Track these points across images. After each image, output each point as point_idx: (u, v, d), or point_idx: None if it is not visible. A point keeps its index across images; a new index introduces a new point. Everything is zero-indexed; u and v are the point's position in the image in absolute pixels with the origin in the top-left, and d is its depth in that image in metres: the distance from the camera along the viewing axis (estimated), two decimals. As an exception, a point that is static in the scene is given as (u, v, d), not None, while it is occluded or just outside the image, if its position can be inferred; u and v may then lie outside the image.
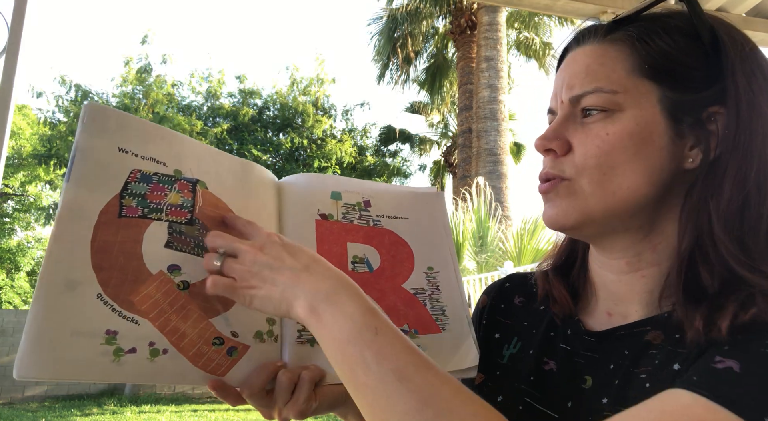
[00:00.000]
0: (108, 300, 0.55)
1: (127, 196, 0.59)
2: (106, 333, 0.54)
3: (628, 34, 0.60)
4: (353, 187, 0.78)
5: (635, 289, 0.61)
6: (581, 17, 2.64)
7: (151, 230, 0.59)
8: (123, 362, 0.54)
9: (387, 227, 0.76)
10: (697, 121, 0.57)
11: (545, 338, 0.68)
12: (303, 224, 0.72)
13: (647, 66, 0.58)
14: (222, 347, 0.60)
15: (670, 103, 0.57)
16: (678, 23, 0.60)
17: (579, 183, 0.59)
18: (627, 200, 0.57)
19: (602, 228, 0.60)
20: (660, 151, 0.57)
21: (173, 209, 0.61)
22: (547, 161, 0.62)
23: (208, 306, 0.60)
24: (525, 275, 0.79)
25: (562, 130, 0.61)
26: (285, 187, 0.75)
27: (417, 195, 0.81)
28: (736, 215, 0.54)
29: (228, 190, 0.67)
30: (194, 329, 0.59)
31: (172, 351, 0.57)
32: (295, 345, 0.65)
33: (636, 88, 0.58)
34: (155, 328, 0.56)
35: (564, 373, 0.63)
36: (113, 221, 0.57)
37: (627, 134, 0.57)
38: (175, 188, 0.62)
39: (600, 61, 0.60)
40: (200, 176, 0.65)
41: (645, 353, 0.57)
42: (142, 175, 0.60)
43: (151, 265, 0.58)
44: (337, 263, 0.70)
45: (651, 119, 0.57)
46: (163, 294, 0.58)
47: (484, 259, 7.72)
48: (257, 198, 0.70)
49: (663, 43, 0.58)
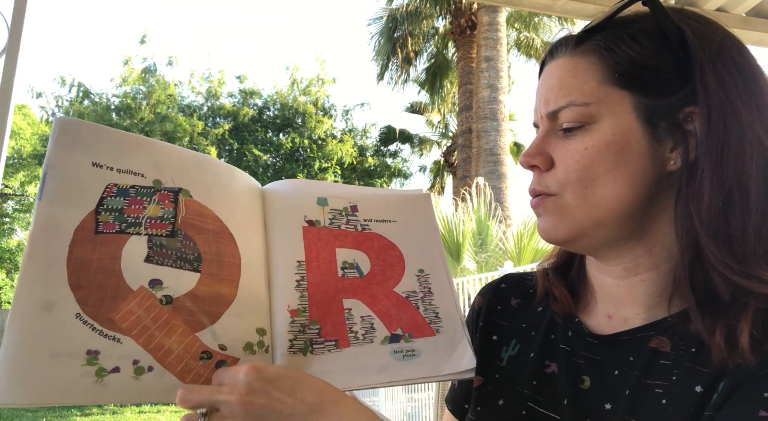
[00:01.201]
0: (87, 319, 0.54)
1: (103, 211, 0.58)
2: (87, 353, 0.53)
3: (596, 43, 0.60)
4: (339, 193, 0.77)
5: (635, 293, 0.62)
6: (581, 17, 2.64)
7: (130, 245, 0.58)
8: (106, 383, 0.53)
9: (375, 231, 0.76)
10: (674, 123, 0.57)
11: (545, 340, 0.68)
12: (290, 232, 0.71)
13: (617, 74, 0.58)
14: (210, 362, 0.59)
15: (645, 108, 0.57)
16: (645, 26, 0.59)
17: (564, 198, 0.60)
18: (613, 210, 0.58)
19: (594, 240, 0.61)
20: (639, 158, 0.57)
21: (153, 222, 0.60)
22: (533, 177, 0.64)
23: (194, 320, 0.59)
24: (520, 276, 0.79)
25: (543, 145, 0.62)
26: (269, 194, 0.74)
27: (404, 198, 0.81)
28: (719, 218, 0.53)
29: (214, 197, 0.66)
30: (180, 345, 0.58)
31: (157, 368, 0.56)
32: (287, 356, 0.64)
33: (608, 97, 0.58)
34: (138, 345, 0.56)
35: (564, 374, 0.64)
36: (90, 238, 0.56)
37: (604, 145, 0.57)
38: (155, 200, 0.61)
39: (572, 74, 0.60)
40: (183, 184, 0.64)
41: (655, 363, 0.57)
42: (119, 189, 0.60)
43: (132, 281, 0.57)
44: (327, 269, 0.70)
45: (627, 127, 0.57)
46: (145, 310, 0.57)
47: (484, 259, 7.71)
48: (244, 205, 0.69)
49: (630, 49, 0.58)
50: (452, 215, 7.95)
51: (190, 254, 0.62)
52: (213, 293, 0.62)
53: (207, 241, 0.63)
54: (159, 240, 0.60)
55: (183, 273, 0.60)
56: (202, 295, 0.61)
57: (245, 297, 0.64)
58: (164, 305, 0.58)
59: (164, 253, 0.60)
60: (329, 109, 15.60)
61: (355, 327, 0.69)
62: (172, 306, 0.59)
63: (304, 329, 0.66)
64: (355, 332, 0.69)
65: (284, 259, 0.69)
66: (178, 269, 0.60)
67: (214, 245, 0.64)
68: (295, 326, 0.66)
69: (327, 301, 0.69)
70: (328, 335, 0.67)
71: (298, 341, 0.65)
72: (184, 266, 0.61)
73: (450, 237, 7.63)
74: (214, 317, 0.61)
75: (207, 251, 0.63)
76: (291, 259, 0.69)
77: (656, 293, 0.60)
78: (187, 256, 0.61)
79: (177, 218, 0.62)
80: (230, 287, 0.63)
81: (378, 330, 0.70)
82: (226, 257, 0.64)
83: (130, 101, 13.20)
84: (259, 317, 0.65)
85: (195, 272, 0.61)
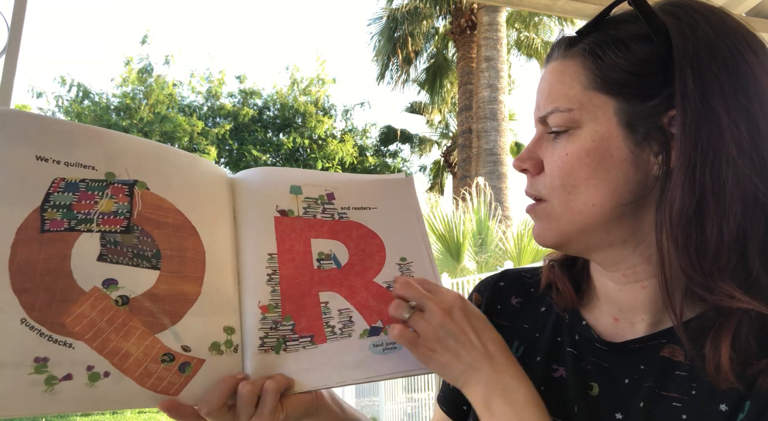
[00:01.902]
0: (34, 325, 0.50)
1: (49, 208, 0.54)
2: (35, 361, 0.50)
3: (583, 46, 0.58)
4: (314, 180, 0.74)
5: (638, 299, 0.60)
6: (581, 17, 2.63)
7: (80, 243, 0.55)
8: (58, 391, 0.50)
9: (354, 220, 0.73)
10: (656, 127, 0.55)
11: (552, 343, 0.66)
12: (260, 223, 0.68)
13: (599, 79, 0.56)
14: (173, 364, 0.56)
15: (626, 113, 0.55)
16: (632, 28, 0.57)
17: (551, 204, 0.59)
18: (595, 216, 0.57)
19: (582, 245, 0.60)
20: (620, 164, 0.55)
21: (106, 218, 0.57)
22: (527, 180, 0.63)
23: (153, 321, 0.56)
24: (519, 273, 0.77)
25: (535, 149, 0.61)
26: (239, 183, 0.70)
27: (385, 182, 0.78)
28: (690, 226, 0.51)
29: (174, 188, 0.62)
30: (138, 347, 0.55)
31: (115, 374, 0.53)
32: (258, 355, 0.62)
33: (591, 102, 0.57)
34: (93, 350, 0.52)
35: (572, 378, 0.62)
36: (35, 238, 0.53)
37: (584, 151, 0.56)
38: (107, 194, 0.58)
39: (559, 79, 0.59)
40: (139, 176, 0.60)
41: (669, 374, 0.56)
42: (67, 183, 0.56)
43: (83, 281, 0.54)
44: (301, 261, 0.67)
45: (607, 133, 0.56)
46: (98, 312, 0.54)
47: (484, 259, 7.70)
48: (208, 196, 0.66)
49: (613, 53, 0.56)
50: (452, 214, 7.95)
51: (148, 251, 0.58)
52: (174, 291, 0.58)
53: (167, 236, 0.60)
54: (113, 237, 0.57)
55: (140, 271, 0.57)
56: (163, 294, 0.57)
57: (211, 294, 0.61)
58: (120, 306, 0.55)
59: (119, 250, 0.57)
60: (329, 109, 15.62)
61: (332, 321, 0.66)
62: (129, 307, 0.55)
63: (277, 326, 0.64)
64: (332, 327, 0.66)
65: (254, 252, 0.66)
66: (134, 266, 0.57)
67: (175, 239, 0.60)
68: (266, 322, 0.63)
69: (301, 295, 0.66)
70: (303, 331, 0.65)
71: (270, 338, 0.63)
72: (142, 263, 0.57)
73: (450, 237, 7.63)
74: (176, 316, 0.58)
75: (167, 246, 0.59)
76: (261, 252, 0.66)
77: (660, 299, 0.58)
78: (145, 252, 0.58)
79: (133, 213, 0.59)
80: (194, 285, 0.60)
81: (357, 323, 0.67)
82: (188, 253, 0.61)
83: (130, 101, 13.24)
84: (226, 315, 0.62)
85: (154, 270, 0.58)
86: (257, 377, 0.60)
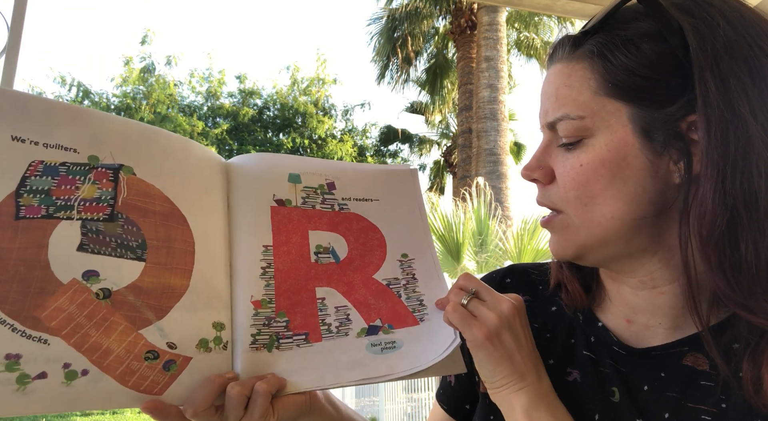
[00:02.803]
0: (6, 319, 0.47)
1: (25, 193, 0.51)
2: (6, 358, 0.46)
3: (590, 48, 0.54)
4: (314, 168, 0.70)
5: (656, 304, 0.58)
6: (581, 17, 2.61)
7: (59, 232, 0.51)
8: (31, 391, 0.47)
9: (355, 212, 0.69)
10: (675, 134, 0.51)
11: (565, 346, 0.64)
12: (256, 212, 0.64)
13: (610, 84, 0.52)
14: (157, 362, 0.53)
15: (641, 120, 0.52)
16: (643, 27, 0.53)
17: (568, 216, 0.57)
18: (614, 227, 0.54)
19: (601, 256, 0.58)
20: (639, 173, 0.53)
21: (88, 205, 0.53)
22: (537, 189, 0.61)
23: (137, 315, 0.53)
24: (526, 270, 0.74)
25: (544, 157, 0.59)
26: (234, 169, 0.66)
27: (388, 173, 0.74)
28: (724, 241, 0.48)
29: (163, 174, 0.58)
30: (120, 344, 0.51)
31: (93, 372, 0.50)
32: (249, 353, 0.58)
33: (603, 109, 0.53)
34: (70, 346, 0.49)
35: (589, 383, 0.60)
36: (9, 225, 0.49)
37: (599, 162, 0.53)
38: (90, 179, 0.54)
39: (567, 83, 0.56)
40: (125, 160, 0.56)
41: (694, 384, 0.54)
42: (45, 167, 0.52)
43: (61, 273, 0.50)
44: (298, 254, 0.64)
45: (623, 142, 0.53)
46: (77, 306, 0.50)
47: (484, 259, 7.69)
48: (200, 182, 0.62)
49: (623, 56, 0.52)
50: (452, 214, 7.93)
51: (133, 241, 0.55)
52: (160, 284, 0.55)
53: (153, 225, 0.56)
54: (95, 225, 0.53)
55: (124, 263, 0.53)
56: (147, 287, 0.54)
57: (200, 288, 0.57)
58: (101, 299, 0.51)
59: (101, 240, 0.53)
60: (329, 109, 15.62)
61: (329, 319, 0.63)
62: (110, 300, 0.52)
63: (270, 322, 0.60)
64: (328, 325, 0.63)
65: (248, 243, 0.63)
66: (117, 257, 0.53)
67: (162, 229, 0.57)
68: (259, 318, 0.60)
69: (297, 290, 0.63)
70: (297, 329, 0.61)
71: (262, 335, 0.59)
72: (126, 254, 0.54)
73: (450, 237, 7.61)
74: (161, 311, 0.54)
75: (153, 236, 0.56)
76: (256, 243, 0.63)
77: (680, 304, 0.57)
78: (129, 243, 0.54)
79: (117, 200, 0.55)
80: (181, 277, 0.56)
81: (354, 322, 0.64)
82: (176, 243, 0.57)
83: (130, 101, 13.24)
84: (215, 310, 0.58)
85: (138, 261, 0.54)
86: (247, 376, 0.57)
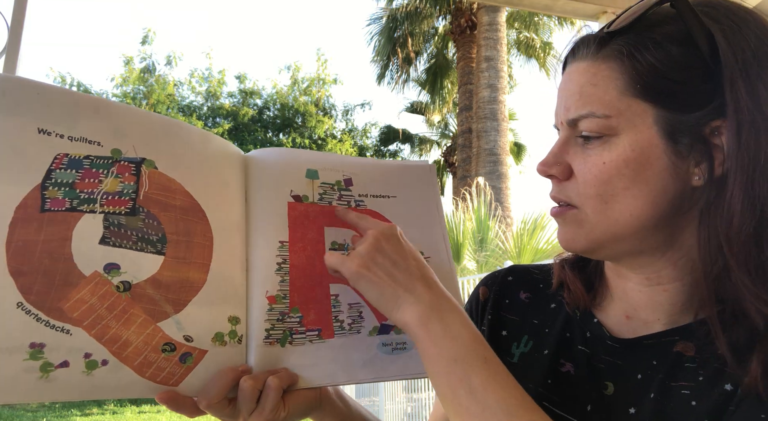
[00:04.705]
0: (31, 309, 0.48)
1: (50, 186, 0.51)
2: (30, 347, 0.47)
3: (618, 48, 0.55)
4: (332, 164, 0.70)
5: (658, 300, 0.59)
6: (581, 17, 2.62)
7: (82, 225, 0.52)
8: (53, 379, 0.48)
9: (371, 208, 0.69)
10: (699, 138, 0.53)
11: (561, 338, 0.65)
12: (273, 208, 0.64)
13: (639, 85, 0.53)
14: (173, 354, 0.54)
15: (667, 123, 0.53)
16: (672, 30, 0.54)
17: (584, 211, 0.58)
18: (632, 226, 0.55)
19: (613, 252, 0.59)
20: (660, 174, 0.54)
21: (110, 198, 0.54)
22: (552, 185, 0.61)
23: (155, 309, 0.54)
24: (527, 269, 0.75)
25: (562, 153, 0.59)
26: (253, 163, 0.67)
27: (406, 169, 0.74)
28: (750, 244, 0.50)
29: (184, 168, 0.59)
30: (139, 336, 0.52)
31: (113, 362, 0.51)
32: (262, 347, 0.59)
33: (630, 109, 0.54)
34: (91, 337, 0.50)
35: (582, 376, 0.61)
36: (34, 217, 0.49)
37: (623, 161, 0.54)
38: (113, 172, 0.54)
39: (592, 82, 0.56)
40: (147, 154, 0.57)
41: (680, 366, 0.56)
42: (70, 160, 0.52)
43: (84, 265, 0.51)
44: (313, 250, 0.64)
45: (647, 143, 0.54)
46: (99, 298, 0.51)
47: (484, 259, 7.70)
48: (219, 177, 0.62)
49: (653, 58, 0.53)
50: (452, 214, 7.94)
51: (153, 235, 0.55)
52: (179, 278, 0.56)
53: (174, 219, 0.57)
54: (117, 219, 0.54)
55: (144, 256, 0.54)
56: (166, 281, 0.55)
57: (217, 282, 0.58)
58: (121, 292, 0.52)
59: (123, 233, 0.54)
60: (329, 109, 15.62)
61: (342, 316, 0.64)
62: (130, 293, 0.53)
63: (284, 318, 0.61)
64: (341, 321, 0.64)
65: (265, 239, 0.63)
66: (138, 251, 0.54)
67: (182, 223, 0.57)
68: (273, 313, 0.61)
69: (311, 286, 0.63)
70: (310, 325, 0.62)
71: (276, 330, 0.60)
72: (146, 248, 0.54)
73: (450, 237, 7.62)
74: (179, 305, 0.55)
75: (173, 230, 0.57)
76: (272, 239, 0.63)
77: (680, 302, 0.58)
78: (150, 236, 0.55)
79: (139, 193, 0.55)
80: (199, 272, 0.57)
81: (367, 319, 0.65)
82: (195, 238, 0.58)
83: (130, 101, 13.24)
84: (231, 304, 0.59)
85: (158, 255, 0.55)
86: (260, 369, 0.58)
